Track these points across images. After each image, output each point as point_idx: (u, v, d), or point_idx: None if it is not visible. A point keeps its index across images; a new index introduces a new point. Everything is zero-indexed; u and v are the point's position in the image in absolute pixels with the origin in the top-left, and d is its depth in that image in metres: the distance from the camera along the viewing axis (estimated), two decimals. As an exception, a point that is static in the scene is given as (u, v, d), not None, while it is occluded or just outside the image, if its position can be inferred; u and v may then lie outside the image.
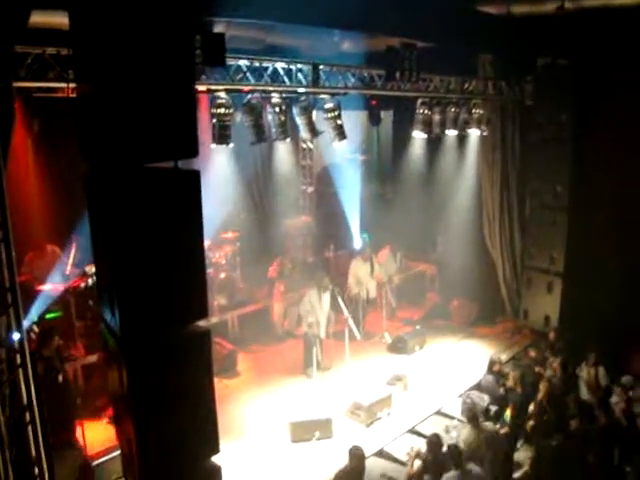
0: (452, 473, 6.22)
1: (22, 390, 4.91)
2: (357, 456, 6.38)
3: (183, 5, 3.88)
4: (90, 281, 8.39)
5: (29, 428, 4.99)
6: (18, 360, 4.89)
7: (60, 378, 6.74)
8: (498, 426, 7.44)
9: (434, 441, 6.71)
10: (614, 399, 7.77)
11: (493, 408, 7.98)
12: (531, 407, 7.69)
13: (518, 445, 7.54)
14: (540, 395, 7.68)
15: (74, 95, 5.31)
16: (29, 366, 4.92)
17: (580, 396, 8.03)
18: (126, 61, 3.66)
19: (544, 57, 10.25)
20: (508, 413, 7.62)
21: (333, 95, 8.81)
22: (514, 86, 10.82)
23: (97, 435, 7.24)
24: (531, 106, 10.77)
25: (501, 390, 8.29)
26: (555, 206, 10.72)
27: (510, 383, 8.13)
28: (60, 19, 4.39)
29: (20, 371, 4.89)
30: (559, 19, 8.57)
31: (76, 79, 4.65)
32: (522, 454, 7.40)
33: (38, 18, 5.21)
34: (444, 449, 6.60)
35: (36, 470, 5.05)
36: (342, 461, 6.54)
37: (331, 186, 13.32)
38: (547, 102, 10.46)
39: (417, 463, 6.67)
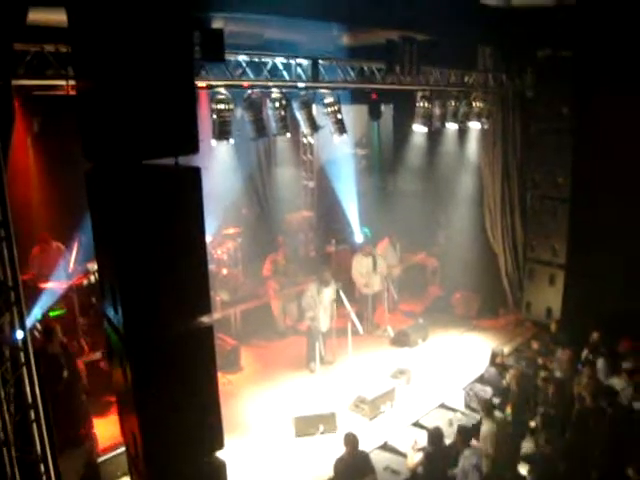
0: (468, 452, 6.41)
1: (26, 388, 4.93)
2: (349, 442, 6.49)
3: (181, 1, 3.88)
4: (92, 278, 8.39)
5: (34, 426, 5.01)
6: (22, 358, 4.90)
7: (65, 374, 6.71)
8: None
9: (435, 433, 6.76)
10: (619, 385, 7.74)
11: (496, 400, 7.99)
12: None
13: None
14: (550, 391, 7.67)
15: (73, 92, 5.31)
16: (33, 364, 4.94)
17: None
18: (125, 57, 3.67)
19: (544, 49, 10.20)
20: (509, 410, 7.63)
21: (333, 89, 8.79)
22: (514, 78, 10.77)
23: (103, 431, 7.25)
24: (532, 98, 10.73)
25: (504, 382, 8.31)
26: (556, 197, 10.70)
27: (508, 381, 8.12)
28: (58, 16, 4.38)
29: (24, 369, 4.90)
30: (559, 10, 8.56)
31: (75, 76, 4.65)
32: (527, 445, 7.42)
33: (36, 15, 5.19)
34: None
35: (42, 468, 5.07)
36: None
37: (332, 181, 13.27)
38: (548, 94, 10.42)
39: (418, 456, 6.72)
